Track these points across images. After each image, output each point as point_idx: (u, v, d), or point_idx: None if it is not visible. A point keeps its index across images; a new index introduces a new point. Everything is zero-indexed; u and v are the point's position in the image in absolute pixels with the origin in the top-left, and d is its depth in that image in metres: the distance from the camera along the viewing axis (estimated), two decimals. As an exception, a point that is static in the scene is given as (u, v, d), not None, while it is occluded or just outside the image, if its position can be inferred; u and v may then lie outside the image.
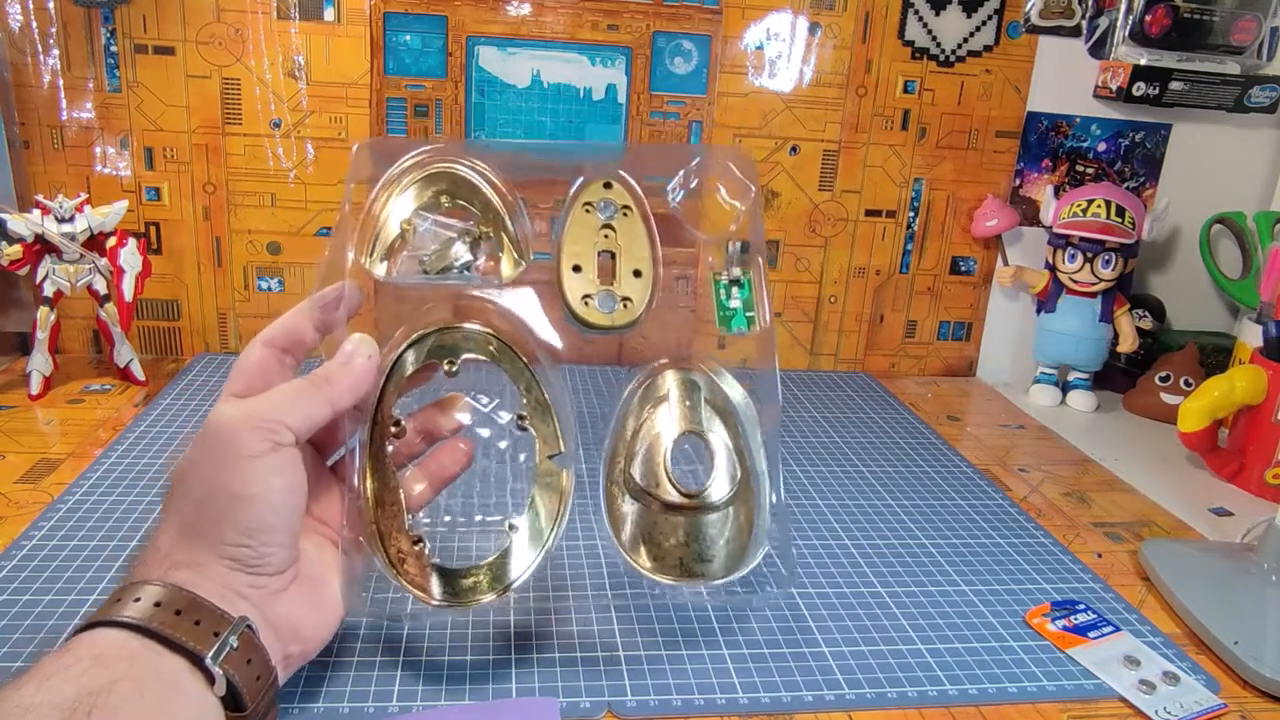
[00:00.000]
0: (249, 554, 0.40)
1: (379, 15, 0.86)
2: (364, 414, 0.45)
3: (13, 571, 0.54)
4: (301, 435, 0.42)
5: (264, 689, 0.39)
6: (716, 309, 0.50)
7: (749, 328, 0.50)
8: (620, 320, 0.48)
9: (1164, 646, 0.55)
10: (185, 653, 0.37)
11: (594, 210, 0.49)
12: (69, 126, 0.85)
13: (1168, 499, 0.76)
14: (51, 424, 0.75)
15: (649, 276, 0.49)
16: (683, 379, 0.50)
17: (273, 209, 0.89)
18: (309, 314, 0.46)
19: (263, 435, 0.40)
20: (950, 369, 1.05)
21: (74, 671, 0.34)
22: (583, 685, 0.48)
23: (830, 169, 0.96)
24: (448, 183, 0.49)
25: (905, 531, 0.67)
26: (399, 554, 0.45)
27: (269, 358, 0.45)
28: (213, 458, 0.40)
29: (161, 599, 0.37)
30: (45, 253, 0.79)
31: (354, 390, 0.44)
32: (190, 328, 0.92)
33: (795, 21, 0.91)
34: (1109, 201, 0.91)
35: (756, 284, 0.51)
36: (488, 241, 0.48)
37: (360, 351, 0.45)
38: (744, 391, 0.50)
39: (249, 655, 0.38)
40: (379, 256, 0.47)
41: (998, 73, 0.95)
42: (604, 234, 0.49)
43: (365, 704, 0.45)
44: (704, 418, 0.49)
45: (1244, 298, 0.94)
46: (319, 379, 0.43)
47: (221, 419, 0.40)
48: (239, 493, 0.39)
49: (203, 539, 0.40)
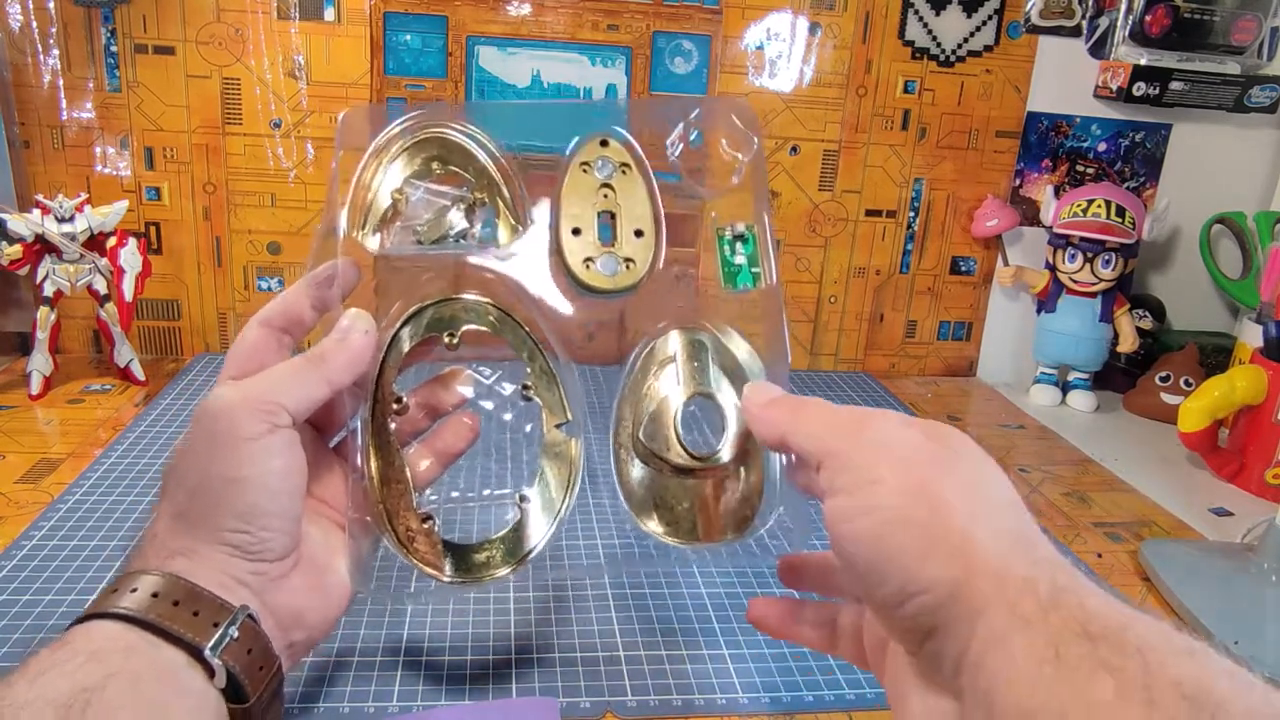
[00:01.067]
0: (247, 540, 0.39)
1: (379, 15, 0.86)
2: (364, 392, 0.44)
3: (13, 571, 0.54)
4: (299, 416, 0.41)
5: (267, 679, 0.38)
6: (720, 265, 0.48)
7: (754, 284, 0.48)
8: (624, 282, 0.47)
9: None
10: (184, 644, 0.36)
11: (591, 170, 0.48)
12: (69, 126, 0.85)
13: (1168, 499, 0.76)
14: (51, 424, 0.75)
15: (651, 235, 0.47)
16: (688, 339, 0.48)
17: (273, 209, 0.89)
18: (306, 292, 0.44)
19: (260, 417, 0.39)
20: (950, 369, 1.05)
21: (69, 667, 0.33)
22: (583, 685, 0.48)
23: (830, 169, 0.96)
24: (438, 148, 0.47)
25: (905, 531, 0.66)
26: (408, 532, 0.44)
27: (266, 337, 0.43)
28: (208, 442, 0.39)
29: (159, 589, 0.37)
30: (45, 253, 0.79)
31: (352, 367, 0.42)
32: (190, 328, 0.92)
33: (795, 21, 0.91)
34: (1109, 201, 0.91)
35: (761, 239, 0.49)
36: (483, 208, 0.47)
37: (356, 327, 0.43)
38: (750, 349, 0.48)
39: (250, 645, 0.37)
40: (371, 229, 0.45)
41: (998, 73, 0.95)
42: (603, 194, 0.47)
43: (365, 704, 0.45)
44: (712, 378, 0.47)
45: (1244, 298, 0.94)
46: (315, 357, 0.42)
47: (217, 402, 0.39)
48: (235, 476, 0.38)
49: (200, 526, 0.39)
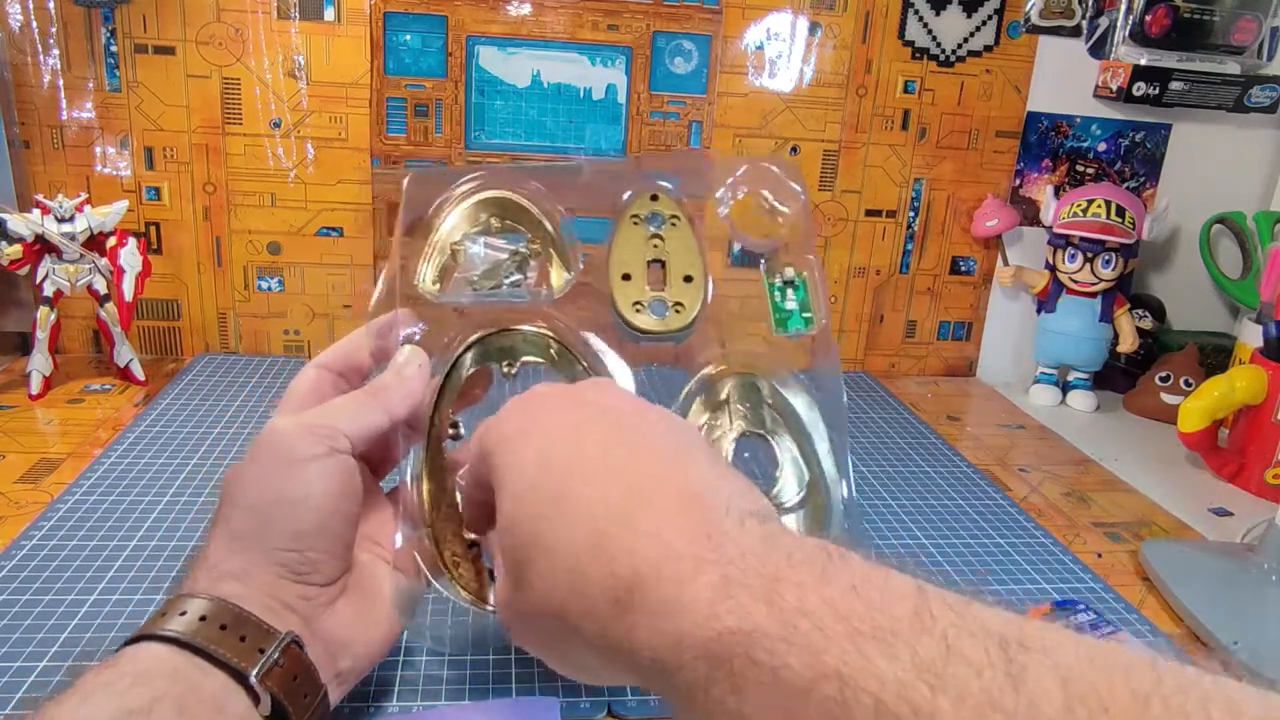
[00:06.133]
0: (297, 559, 0.39)
1: (379, 15, 0.86)
2: (418, 430, 0.45)
3: (13, 571, 0.54)
4: (357, 443, 0.41)
5: (311, 707, 0.38)
6: (772, 311, 0.50)
7: (806, 328, 0.49)
8: (673, 325, 0.48)
9: (1164, 646, 0.55)
10: (229, 669, 0.36)
11: (642, 222, 0.49)
12: (69, 126, 0.85)
13: (1168, 499, 0.76)
14: (51, 424, 0.75)
15: (700, 281, 0.49)
16: (741, 382, 0.49)
17: (273, 209, 0.89)
18: (365, 340, 0.46)
19: (318, 440, 0.40)
20: (950, 369, 1.05)
21: (117, 689, 0.33)
22: (583, 685, 0.47)
23: (830, 169, 0.96)
24: (496, 205, 0.49)
25: (905, 531, 0.67)
26: (453, 557, 0.44)
27: (323, 380, 0.45)
28: (265, 464, 0.40)
29: (207, 613, 0.37)
30: (45, 253, 0.79)
31: (408, 399, 0.44)
32: (190, 328, 0.92)
33: (795, 21, 0.91)
34: (1109, 201, 0.91)
35: (812, 283, 0.50)
36: (537, 258, 0.48)
37: (412, 362, 0.45)
38: (805, 392, 0.49)
39: (295, 671, 0.37)
40: (431, 280, 0.48)
41: (998, 73, 0.95)
42: (653, 244, 0.49)
43: (365, 704, 0.45)
44: (766, 420, 0.48)
45: (1244, 298, 0.94)
46: (374, 389, 0.44)
47: (276, 428, 0.40)
48: (289, 495, 0.39)
49: (251, 546, 0.39)
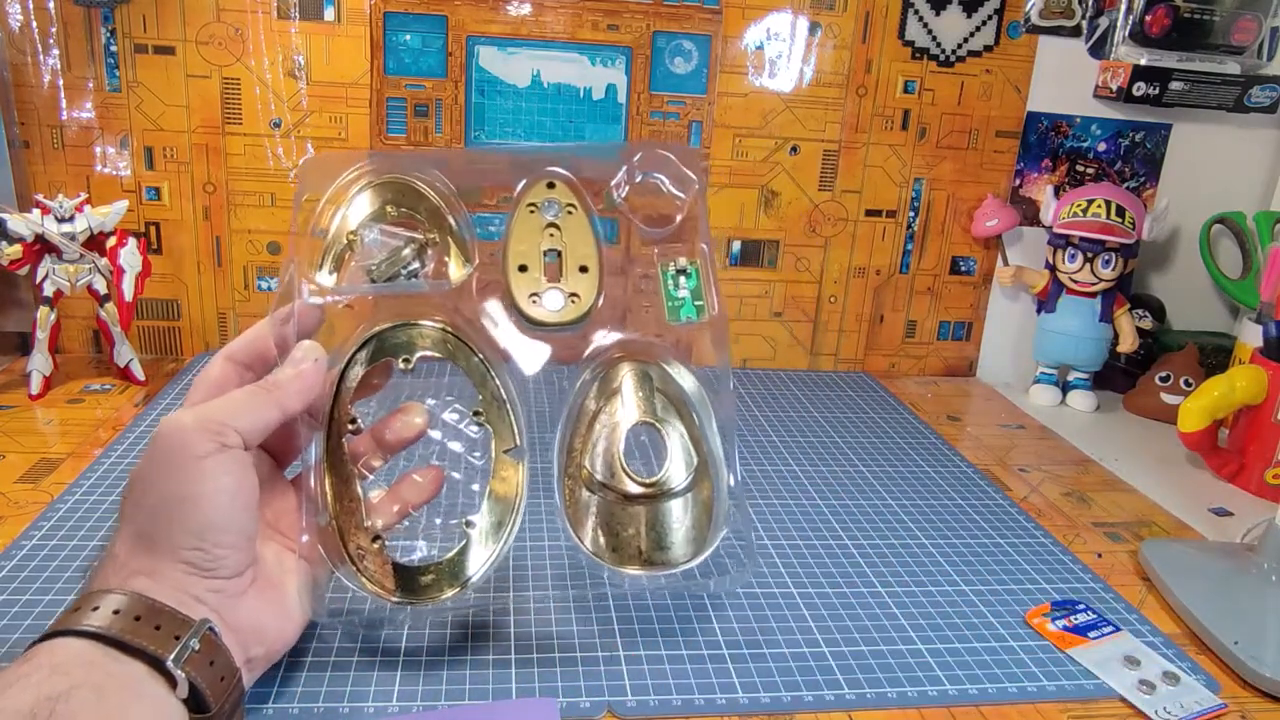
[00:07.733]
0: (201, 557, 0.40)
1: (379, 15, 0.86)
2: (318, 420, 0.46)
3: (13, 571, 0.54)
4: (250, 438, 0.42)
5: (228, 690, 0.39)
6: (664, 299, 0.50)
7: (698, 316, 0.50)
8: (568, 316, 0.48)
9: (1164, 646, 0.55)
10: (146, 657, 0.37)
11: (538, 210, 0.50)
12: (69, 126, 0.85)
13: (1168, 499, 0.76)
14: (51, 424, 0.75)
15: (595, 272, 0.49)
16: (636, 370, 0.50)
17: (273, 209, 0.89)
18: (270, 330, 0.47)
19: (209, 436, 0.41)
20: (950, 369, 1.05)
21: (33, 680, 0.34)
22: (583, 685, 0.48)
23: (830, 169, 0.96)
24: (393, 191, 0.49)
25: (905, 531, 0.67)
26: (359, 550, 0.45)
27: (230, 371, 0.46)
28: (162, 462, 0.40)
29: (120, 606, 0.38)
30: (45, 253, 0.79)
31: (303, 394, 0.45)
32: (190, 328, 0.92)
33: (795, 21, 0.91)
34: (1109, 201, 0.91)
35: (704, 272, 0.50)
36: (435, 247, 0.49)
37: (308, 357, 0.45)
38: (695, 379, 0.50)
39: (211, 657, 0.39)
40: (328, 269, 0.48)
41: (998, 73, 0.95)
42: (549, 233, 0.49)
43: (365, 704, 0.45)
44: (658, 407, 0.49)
45: (1244, 298, 0.94)
46: (268, 384, 0.44)
47: (170, 424, 0.41)
48: (186, 494, 0.40)
49: (157, 545, 0.40)
